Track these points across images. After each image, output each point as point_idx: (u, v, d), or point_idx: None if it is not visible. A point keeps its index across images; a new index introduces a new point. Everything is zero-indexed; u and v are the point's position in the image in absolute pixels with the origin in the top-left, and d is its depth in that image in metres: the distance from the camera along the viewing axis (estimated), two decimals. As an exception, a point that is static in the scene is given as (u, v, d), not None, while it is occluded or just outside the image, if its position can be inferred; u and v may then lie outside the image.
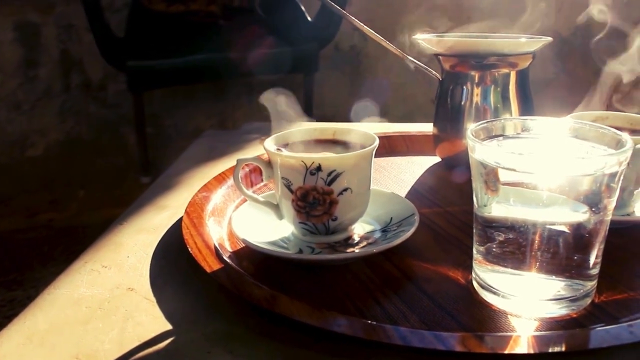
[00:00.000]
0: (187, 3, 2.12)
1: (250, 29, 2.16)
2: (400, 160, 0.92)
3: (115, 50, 2.11)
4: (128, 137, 2.52)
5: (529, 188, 0.48)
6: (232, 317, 0.53)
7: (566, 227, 0.49)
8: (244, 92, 2.53)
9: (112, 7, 2.43)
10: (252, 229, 0.63)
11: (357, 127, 0.69)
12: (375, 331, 0.47)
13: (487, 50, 0.79)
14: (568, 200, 0.49)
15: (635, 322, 0.48)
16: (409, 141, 0.96)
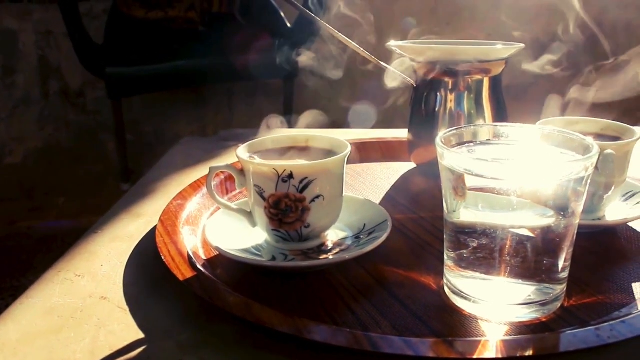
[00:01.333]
0: (166, 10, 2.12)
1: (229, 35, 2.16)
2: (375, 166, 0.93)
3: (94, 57, 2.11)
4: (108, 144, 2.51)
5: (497, 194, 0.49)
6: (205, 325, 0.53)
7: (535, 232, 0.50)
8: (224, 98, 2.53)
9: (91, 14, 2.42)
10: (226, 236, 0.63)
11: (330, 134, 0.69)
12: (346, 338, 0.47)
13: (460, 57, 0.79)
14: (536, 205, 0.49)
15: (602, 326, 0.49)
16: (385, 147, 0.97)
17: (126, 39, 2.18)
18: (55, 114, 2.57)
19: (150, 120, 2.54)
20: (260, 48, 2.10)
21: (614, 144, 0.66)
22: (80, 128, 2.58)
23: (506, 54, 0.80)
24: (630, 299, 0.56)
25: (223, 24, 2.20)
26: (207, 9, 2.16)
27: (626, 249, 0.66)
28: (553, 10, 2.48)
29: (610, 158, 0.64)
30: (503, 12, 2.54)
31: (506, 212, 0.50)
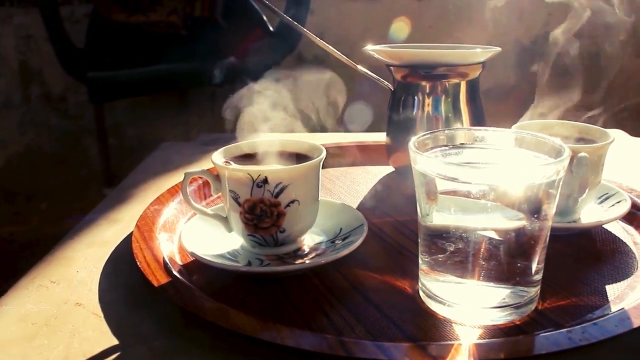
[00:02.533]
0: (147, 14, 2.11)
1: (211, 39, 2.16)
2: (354, 170, 0.93)
3: (75, 61, 2.10)
4: (90, 149, 2.50)
5: (470, 197, 0.49)
6: (180, 331, 0.53)
7: (508, 235, 0.50)
8: (207, 101, 2.52)
9: (72, 18, 2.41)
10: (202, 242, 0.63)
11: (305, 139, 0.69)
12: (319, 343, 0.47)
13: (437, 61, 0.80)
14: (508, 208, 0.50)
15: (574, 329, 0.49)
16: (364, 151, 0.97)
17: (108, 43, 2.18)
18: (37, 118, 2.55)
19: (133, 125, 2.53)
20: (242, 52, 2.10)
21: (587, 147, 0.67)
22: (62, 132, 2.56)
23: (482, 58, 0.81)
24: (604, 301, 0.56)
25: (205, 27, 2.19)
26: (189, 13, 2.16)
27: (601, 251, 0.67)
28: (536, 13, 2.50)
29: (584, 161, 0.64)
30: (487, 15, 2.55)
31: (479, 216, 0.50)
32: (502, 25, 2.53)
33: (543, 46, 2.55)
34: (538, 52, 2.53)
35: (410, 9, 2.50)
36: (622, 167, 0.95)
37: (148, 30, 2.15)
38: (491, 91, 2.70)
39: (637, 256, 0.65)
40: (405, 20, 2.46)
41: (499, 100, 2.77)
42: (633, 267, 0.63)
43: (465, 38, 2.59)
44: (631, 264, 0.64)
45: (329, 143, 0.98)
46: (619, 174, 0.85)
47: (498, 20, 2.35)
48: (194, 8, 2.15)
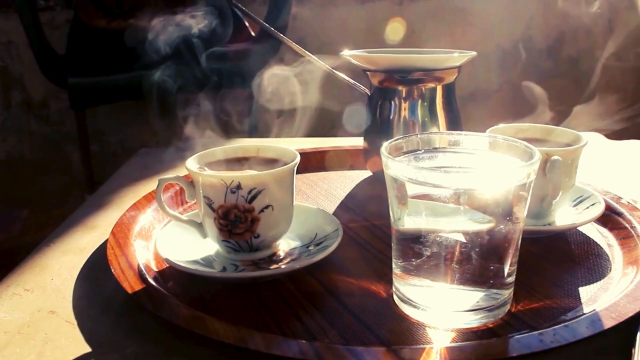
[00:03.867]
0: (128, 19, 2.10)
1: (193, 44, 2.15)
2: (332, 174, 0.93)
3: (56, 68, 2.08)
4: (72, 155, 2.48)
5: (441, 201, 0.49)
6: (153, 338, 0.53)
7: (479, 238, 0.50)
8: (189, 107, 2.52)
9: (52, 24, 2.39)
10: (177, 248, 0.63)
11: (280, 144, 0.69)
12: (290, 348, 0.47)
13: (413, 66, 0.80)
14: (479, 211, 0.50)
15: (545, 331, 0.50)
16: (342, 156, 0.97)
17: (89, 49, 2.16)
18: (17, 125, 2.53)
19: (116, 131, 2.51)
20: (224, 57, 2.09)
21: (560, 150, 0.67)
22: (43, 139, 2.54)
23: (458, 62, 0.81)
24: (577, 303, 0.57)
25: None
26: (171, 18, 2.15)
27: (575, 253, 0.67)
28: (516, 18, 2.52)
29: (557, 164, 0.65)
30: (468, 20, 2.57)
31: (450, 219, 0.50)
32: (484, 29, 2.54)
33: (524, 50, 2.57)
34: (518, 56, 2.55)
35: (392, 13, 2.50)
36: (598, 169, 0.96)
37: (129, 36, 2.14)
38: (474, 95, 2.72)
39: (610, 258, 0.66)
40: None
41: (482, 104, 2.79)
42: (606, 268, 0.64)
43: (447, 42, 2.60)
44: (605, 265, 0.64)
45: (307, 148, 0.99)
46: (594, 176, 0.86)
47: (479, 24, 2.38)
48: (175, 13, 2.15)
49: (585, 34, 2.57)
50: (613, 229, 0.72)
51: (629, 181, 0.93)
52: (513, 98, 2.51)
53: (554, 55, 2.58)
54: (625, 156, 1.08)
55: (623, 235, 0.70)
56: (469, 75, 2.35)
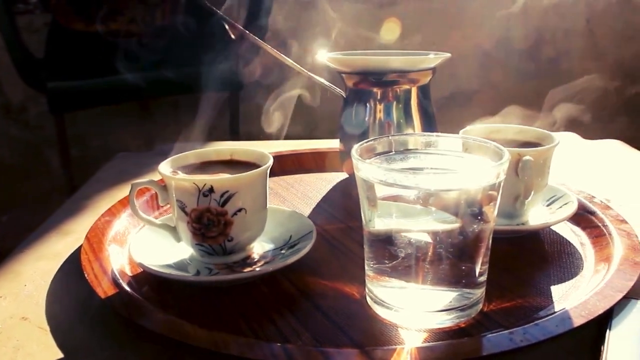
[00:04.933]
0: (107, 23, 2.09)
1: (173, 48, 2.14)
2: (308, 177, 0.93)
3: (34, 72, 2.07)
4: (52, 160, 2.46)
5: (411, 203, 0.50)
6: (126, 344, 0.53)
7: (450, 238, 0.51)
8: (170, 110, 2.51)
9: (30, 27, 2.37)
10: (151, 252, 0.63)
11: (257, 147, 0.69)
12: (262, 351, 0.47)
13: (387, 68, 0.80)
14: (450, 212, 0.50)
15: (515, 330, 0.50)
16: (319, 158, 0.97)
17: (67, 52, 2.15)
18: (-4, 130, 2.51)
19: (96, 135, 2.50)
20: (204, 60, 2.09)
21: (532, 151, 0.68)
22: (23, 144, 2.52)
23: (432, 64, 0.81)
24: (548, 301, 0.57)
25: (166, 36, 2.18)
26: (150, 21, 2.14)
27: (548, 252, 0.68)
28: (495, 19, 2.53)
29: (529, 164, 0.65)
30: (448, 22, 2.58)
31: (420, 220, 0.51)
32: (463, 31, 2.56)
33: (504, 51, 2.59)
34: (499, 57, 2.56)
35: (372, 16, 2.51)
36: (574, 169, 0.97)
37: (108, 40, 2.13)
38: (454, 96, 2.73)
39: (583, 256, 0.67)
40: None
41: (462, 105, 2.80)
42: (579, 267, 0.64)
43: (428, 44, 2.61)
44: (577, 264, 0.65)
45: (284, 150, 0.99)
46: (569, 176, 0.87)
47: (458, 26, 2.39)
48: (154, 17, 2.14)
49: (564, 34, 2.59)
50: (586, 227, 0.72)
51: (604, 180, 0.94)
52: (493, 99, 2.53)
53: (533, 56, 2.60)
54: (601, 155, 1.09)
55: (595, 233, 0.70)
56: (449, 76, 2.36)
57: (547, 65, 2.69)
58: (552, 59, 2.63)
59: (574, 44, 2.59)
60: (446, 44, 2.55)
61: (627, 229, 0.68)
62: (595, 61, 2.80)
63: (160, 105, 2.51)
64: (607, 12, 2.67)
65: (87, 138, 2.51)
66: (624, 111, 2.90)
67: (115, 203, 0.77)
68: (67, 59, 2.14)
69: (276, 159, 0.93)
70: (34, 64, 2.10)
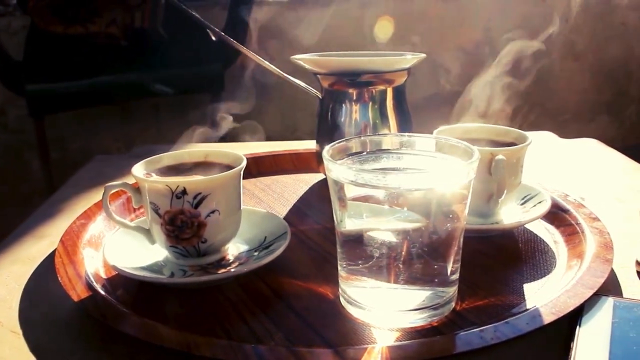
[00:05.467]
0: (86, 25, 2.08)
1: (153, 49, 2.14)
2: (286, 178, 0.93)
3: (13, 75, 2.06)
4: (32, 163, 2.45)
5: (381, 203, 0.50)
6: (100, 346, 0.52)
7: (421, 238, 0.51)
8: (150, 113, 2.50)
9: (9, 30, 2.36)
10: (125, 255, 0.62)
11: (235, 149, 0.69)
12: (234, 352, 0.48)
13: (363, 68, 0.81)
14: (420, 211, 0.51)
15: (486, 328, 0.51)
16: (296, 159, 0.97)
17: (46, 55, 2.14)
18: (-25, 133, 2.49)
19: (76, 137, 2.49)
20: (184, 62, 2.09)
21: (504, 150, 0.68)
22: (2, 147, 2.51)
23: (408, 64, 0.82)
24: (520, 299, 0.58)
25: (146, 38, 2.17)
26: (129, 23, 2.13)
27: (521, 251, 0.68)
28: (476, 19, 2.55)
29: (501, 163, 0.66)
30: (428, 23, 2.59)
31: (391, 221, 0.51)
32: (443, 31, 2.57)
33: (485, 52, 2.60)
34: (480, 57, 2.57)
35: (354, 16, 2.52)
36: (550, 168, 0.98)
37: (87, 42, 2.12)
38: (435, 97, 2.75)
39: (556, 254, 0.67)
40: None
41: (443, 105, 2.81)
42: (552, 265, 0.65)
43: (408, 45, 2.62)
44: (550, 262, 0.65)
45: (261, 152, 0.99)
46: (545, 174, 0.87)
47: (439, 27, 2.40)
48: (133, 19, 2.13)
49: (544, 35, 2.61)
50: (560, 226, 0.73)
51: (579, 179, 0.95)
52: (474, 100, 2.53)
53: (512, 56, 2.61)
54: (577, 154, 1.10)
55: (569, 232, 0.71)
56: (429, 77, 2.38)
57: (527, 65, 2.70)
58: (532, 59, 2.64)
59: (553, 44, 2.61)
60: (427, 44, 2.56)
61: (600, 227, 0.69)
62: (575, 61, 2.82)
63: (141, 107, 2.50)
64: (586, 13, 2.69)
65: (68, 141, 2.49)
66: (605, 110, 2.92)
67: (90, 206, 0.77)
68: (46, 62, 2.12)
69: (254, 160, 0.94)
70: (12, 66, 2.09)
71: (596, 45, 2.81)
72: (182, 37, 2.15)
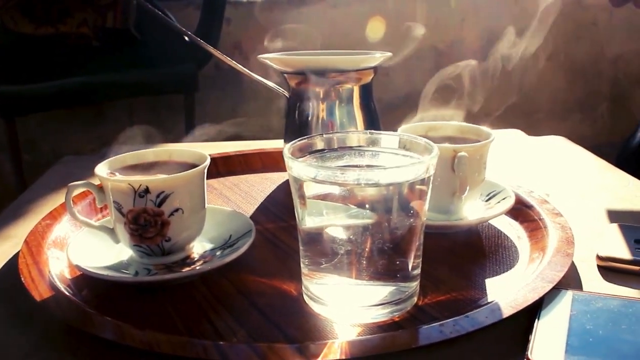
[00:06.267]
0: (56, 25, 2.06)
1: (125, 50, 2.13)
2: (254, 177, 0.94)
3: (-18, 76, 2.04)
4: (4, 165, 2.42)
5: (341, 200, 0.50)
6: (63, 346, 0.52)
7: (381, 234, 0.52)
8: (124, 114, 2.48)
9: (-22, 31, 2.34)
10: (90, 255, 0.62)
11: (205, 148, 0.69)
12: (195, 349, 0.48)
13: (329, 67, 0.81)
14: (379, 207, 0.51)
15: (446, 321, 0.51)
16: (265, 158, 0.98)
17: (17, 56, 2.12)
18: (-56, 135, 2.46)
19: (48, 139, 2.46)
20: (158, 63, 2.08)
21: (467, 147, 0.69)
22: (-27, 150, 2.48)
23: (374, 63, 0.82)
24: (482, 294, 0.59)
25: (118, 39, 2.16)
26: (101, 24, 2.12)
27: (485, 246, 0.69)
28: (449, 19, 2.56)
29: (464, 160, 0.67)
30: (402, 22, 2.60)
31: (350, 217, 0.51)
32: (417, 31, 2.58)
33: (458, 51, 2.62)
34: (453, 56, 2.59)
35: (326, 17, 2.52)
36: (516, 164, 0.99)
37: (58, 43, 2.10)
38: (409, 96, 2.76)
39: (519, 250, 0.68)
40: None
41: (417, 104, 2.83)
42: (514, 260, 0.66)
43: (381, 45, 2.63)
44: (513, 257, 0.66)
45: (230, 151, 0.99)
46: (512, 171, 0.88)
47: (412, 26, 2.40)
48: (105, 19, 2.12)
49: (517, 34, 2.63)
50: (523, 221, 0.74)
51: (546, 175, 0.96)
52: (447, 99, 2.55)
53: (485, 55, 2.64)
54: (544, 151, 1.12)
55: (532, 227, 0.72)
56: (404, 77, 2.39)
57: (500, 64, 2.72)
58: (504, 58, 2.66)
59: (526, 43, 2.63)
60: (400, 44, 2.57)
61: (562, 222, 0.70)
62: (548, 60, 2.85)
63: (114, 108, 2.48)
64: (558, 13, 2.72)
65: (39, 142, 2.47)
66: (578, 109, 2.96)
67: (57, 207, 0.77)
68: (17, 63, 2.10)
69: (223, 159, 0.94)
70: (-18, 68, 2.07)
71: (568, 45, 2.84)
72: (155, 37, 2.15)
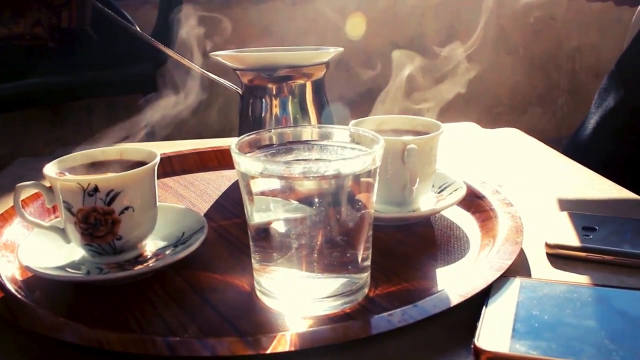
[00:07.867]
0: (8, 26, 2.03)
1: (82, 50, 2.10)
2: (210, 175, 0.93)
3: (-64, 79, 2.00)
4: (-40, 169, 2.38)
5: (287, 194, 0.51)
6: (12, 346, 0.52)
7: (329, 227, 0.52)
8: (83, 115, 2.46)
9: None
10: (42, 256, 0.62)
11: (155, 147, 0.69)
12: (145, 345, 0.48)
13: (280, 63, 0.81)
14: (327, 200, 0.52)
15: (394, 311, 0.52)
16: (221, 155, 0.97)
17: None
18: None
19: (5, 142, 2.43)
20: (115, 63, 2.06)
21: (416, 139, 0.70)
22: None
23: (325, 58, 0.83)
24: (432, 284, 0.60)
25: (75, 39, 2.14)
26: (56, 24, 2.09)
27: (437, 237, 0.70)
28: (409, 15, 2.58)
29: (413, 152, 0.67)
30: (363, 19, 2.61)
31: (297, 211, 0.52)
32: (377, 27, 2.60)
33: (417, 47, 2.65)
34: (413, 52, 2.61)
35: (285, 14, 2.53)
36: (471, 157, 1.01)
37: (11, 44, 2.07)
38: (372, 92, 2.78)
39: (470, 239, 0.69)
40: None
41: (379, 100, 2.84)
42: (465, 249, 0.67)
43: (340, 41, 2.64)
44: (464, 247, 0.67)
45: (185, 149, 0.99)
46: (466, 163, 0.90)
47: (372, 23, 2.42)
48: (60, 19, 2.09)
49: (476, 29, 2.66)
50: (475, 212, 0.75)
51: (499, 167, 0.98)
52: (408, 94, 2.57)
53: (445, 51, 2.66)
54: (498, 143, 1.13)
55: (483, 217, 0.73)
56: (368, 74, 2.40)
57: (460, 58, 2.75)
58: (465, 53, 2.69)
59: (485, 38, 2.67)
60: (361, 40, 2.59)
61: (512, 212, 0.71)
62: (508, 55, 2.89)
63: (73, 109, 2.46)
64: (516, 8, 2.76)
65: (-4, 146, 2.44)
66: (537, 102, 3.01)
67: (8, 209, 0.76)
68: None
69: (178, 158, 0.94)
70: None
71: (527, 39, 2.88)
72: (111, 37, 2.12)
